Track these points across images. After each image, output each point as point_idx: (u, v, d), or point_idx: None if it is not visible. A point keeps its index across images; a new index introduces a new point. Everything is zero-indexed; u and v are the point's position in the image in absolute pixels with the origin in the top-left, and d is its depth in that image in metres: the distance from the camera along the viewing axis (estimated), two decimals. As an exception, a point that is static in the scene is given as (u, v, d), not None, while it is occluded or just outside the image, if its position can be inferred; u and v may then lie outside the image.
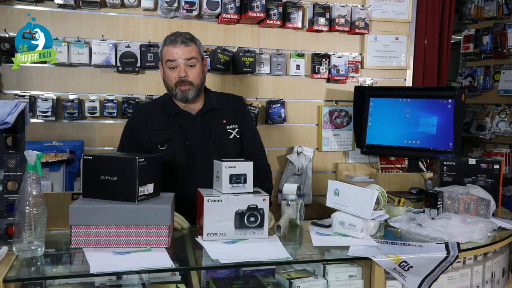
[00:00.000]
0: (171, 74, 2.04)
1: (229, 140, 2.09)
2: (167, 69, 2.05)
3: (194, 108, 2.11)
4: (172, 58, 2.02)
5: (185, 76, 2.02)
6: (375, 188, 1.89)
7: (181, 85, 2.03)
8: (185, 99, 2.05)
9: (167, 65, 2.04)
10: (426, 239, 1.65)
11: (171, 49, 2.03)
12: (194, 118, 2.09)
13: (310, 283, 1.53)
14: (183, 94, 2.04)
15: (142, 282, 1.50)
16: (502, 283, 1.86)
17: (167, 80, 2.07)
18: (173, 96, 2.08)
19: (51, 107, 2.71)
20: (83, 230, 1.49)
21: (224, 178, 1.62)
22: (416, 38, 3.45)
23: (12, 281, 1.28)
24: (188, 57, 2.03)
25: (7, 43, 2.61)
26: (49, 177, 2.66)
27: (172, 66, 2.03)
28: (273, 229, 1.72)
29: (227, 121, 2.11)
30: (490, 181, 2.15)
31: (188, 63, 2.03)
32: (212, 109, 2.12)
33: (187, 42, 2.04)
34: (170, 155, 2.02)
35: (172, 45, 2.03)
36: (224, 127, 2.10)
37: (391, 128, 2.96)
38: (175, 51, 2.02)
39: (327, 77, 3.20)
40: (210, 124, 2.09)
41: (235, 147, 2.11)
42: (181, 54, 2.02)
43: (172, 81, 2.04)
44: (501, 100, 3.74)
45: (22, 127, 1.51)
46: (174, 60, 2.02)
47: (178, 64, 2.02)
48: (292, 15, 3.06)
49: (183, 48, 2.03)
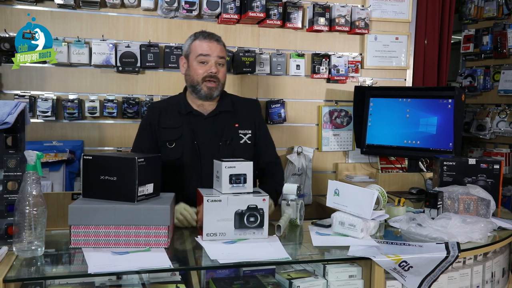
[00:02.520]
0: (200, 69, 2.03)
1: (239, 145, 2.07)
2: (196, 63, 2.03)
3: (207, 108, 2.10)
4: (205, 52, 2.02)
5: (216, 72, 2.02)
6: (375, 188, 1.89)
7: (208, 81, 2.02)
8: (209, 96, 2.04)
9: (198, 59, 2.03)
10: (426, 239, 1.65)
11: (205, 43, 2.03)
12: (205, 119, 2.08)
13: (310, 283, 1.53)
14: (209, 90, 2.03)
15: (142, 282, 1.50)
16: (502, 283, 1.86)
17: (193, 74, 2.05)
18: (196, 91, 2.05)
19: (51, 107, 2.71)
20: (83, 230, 1.49)
21: (224, 178, 1.62)
22: (416, 38, 3.45)
23: (12, 281, 1.28)
24: (220, 55, 2.04)
25: (7, 43, 2.61)
26: (49, 177, 2.66)
27: (203, 61, 2.02)
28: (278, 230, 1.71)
29: (240, 125, 2.09)
30: (490, 181, 2.14)
31: (219, 61, 2.04)
32: (224, 111, 2.10)
33: (220, 41, 2.07)
34: (177, 154, 2.02)
35: (207, 40, 2.03)
36: (236, 131, 2.08)
37: (391, 128, 2.96)
38: (210, 46, 2.02)
39: (327, 77, 3.20)
40: (222, 126, 2.08)
41: (245, 153, 2.06)
42: (214, 50, 2.02)
43: (199, 76, 2.03)
44: (501, 100, 3.74)
45: (22, 127, 1.51)
46: (207, 55, 2.02)
47: (210, 60, 2.02)
48: (292, 15, 3.06)
49: (217, 45, 2.04)
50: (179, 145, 2.03)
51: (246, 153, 2.07)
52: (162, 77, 2.94)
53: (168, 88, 2.94)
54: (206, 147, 2.04)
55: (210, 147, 2.04)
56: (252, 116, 2.16)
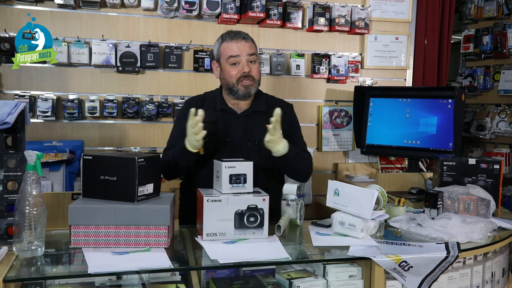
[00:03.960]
0: (233, 70, 2.01)
1: None
2: (228, 65, 2.02)
3: (241, 107, 2.08)
4: (234, 53, 2.00)
5: (249, 71, 2.00)
6: (375, 188, 1.89)
7: (244, 80, 2.00)
8: (247, 94, 2.02)
9: (229, 61, 2.01)
10: (426, 239, 1.65)
11: (233, 44, 2.01)
12: (238, 117, 2.07)
13: (310, 283, 1.53)
14: (246, 89, 2.01)
15: (142, 282, 1.50)
16: (502, 283, 1.86)
17: (227, 77, 2.03)
18: (234, 93, 2.03)
19: (51, 107, 2.71)
20: (82, 230, 1.49)
21: (224, 178, 1.62)
22: (416, 38, 3.45)
23: (12, 281, 1.28)
24: (250, 52, 2.02)
25: (7, 43, 2.61)
26: (49, 177, 2.66)
27: (234, 62, 2.01)
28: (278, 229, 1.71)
29: None
30: (490, 181, 2.14)
31: (250, 58, 2.02)
32: (257, 111, 2.09)
33: (247, 38, 2.05)
34: (210, 149, 1.99)
35: (234, 41, 2.01)
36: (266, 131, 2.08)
37: (391, 128, 2.96)
38: (238, 46, 2.00)
39: (327, 77, 3.21)
40: (253, 125, 2.06)
41: None
42: (243, 49, 2.01)
43: (234, 77, 2.01)
44: (501, 100, 3.74)
45: (22, 127, 1.51)
46: (237, 56, 2.00)
47: (241, 60, 2.00)
48: (292, 15, 3.06)
49: (245, 43, 2.02)
50: (211, 140, 1.99)
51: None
52: (162, 77, 2.94)
53: (168, 88, 2.94)
54: (237, 145, 2.03)
55: (240, 146, 2.03)
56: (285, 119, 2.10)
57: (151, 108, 2.86)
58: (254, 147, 2.03)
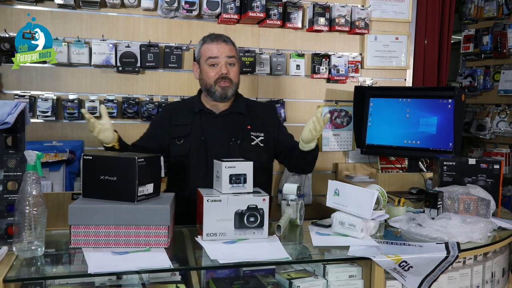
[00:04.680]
0: (211, 71, 2.05)
1: (251, 146, 2.08)
2: (207, 66, 2.06)
3: (220, 108, 2.12)
4: (214, 55, 2.05)
5: (227, 73, 2.04)
6: (375, 188, 1.89)
7: (221, 82, 2.04)
8: (224, 96, 2.06)
9: (208, 62, 2.06)
10: (426, 239, 1.65)
11: (213, 46, 2.06)
12: (216, 117, 2.10)
13: (310, 283, 1.53)
14: (223, 90, 2.05)
15: (142, 282, 1.50)
16: (502, 283, 1.86)
17: (205, 78, 2.07)
18: (211, 94, 2.07)
19: (51, 107, 2.71)
20: (82, 230, 1.49)
21: (224, 178, 1.62)
22: (416, 38, 3.45)
23: (12, 281, 1.28)
24: (230, 55, 2.06)
25: (7, 43, 2.61)
26: (49, 177, 2.66)
27: (213, 63, 2.05)
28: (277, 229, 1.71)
29: (252, 127, 2.10)
30: (490, 181, 2.14)
31: (229, 61, 2.06)
32: (237, 112, 2.12)
33: (228, 41, 2.10)
34: (185, 149, 2.05)
35: (214, 43, 2.06)
36: (247, 132, 2.09)
37: (391, 128, 2.96)
38: (217, 47, 2.05)
39: (327, 77, 3.20)
40: (233, 126, 2.09)
41: (257, 155, 2.07)
42: (223, 51, 2.05)
43: (211, 78, 2.05)
44: (501, 100, 3.73)
45: (22, 127, 1.51)
46: (216, 57, 2.05)
47: (220, 61, 2.05)
48: (292, 15, 3.06)
49: (225, 45, 2.07)
50: (187, 141, 2.06)
51: (258, 155, 2.07)
52: (162, 77, 2.94)
53: (168, 88, 2.94)
54: (215, 145, 2.05)
55: (219, 146, 2.05)
56: (267, 120, 2.17)
57: (151, 108, 2.86)
58: (235, 146, 2.05)
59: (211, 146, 2.05)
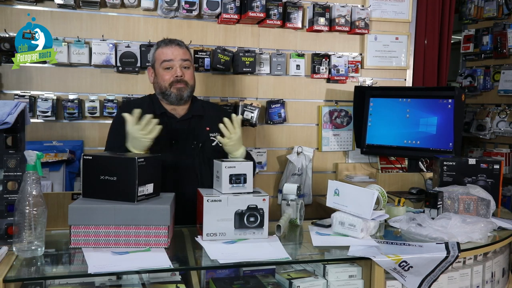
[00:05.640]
0: (166, 75, 2.06)
1: (211, 147, 2.10)
2: (162, 70, 2.07)
3: (179, 112, 2.12)
4: (168, 58, 2.05)
5: (182, 75, 2.05)
6: (375, 188, 1.89)
7: (177, 84, 2.05)
8: (179, 98, 2.06)
9: (163, 65, 2.06)
10: (426, 239, 1.65)
11: (167, 49, 2.07)
12: (178, 121, 2.11)
13: (310, 283, 1.53)
14: (178, 92, 2.05)
15: (142, 282, 1.50)
16: (502, 283, 1.86)
17: (160, 81, 2.07)
18: (167, 96, 2.07)
19: (51, 107, 2.71)
20: (83, 230, 1.49)
21: (224, 178, 1.62)
22: (416, 38, 3.45)
23: (12, 281, 1.28)
24: (184, 58, 2.08)
25: (7, 43, 2.61)
26: (49, 177, 2.66)
27: (168, 67, 2.06)
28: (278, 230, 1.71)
29: (210, 128, 2.11)
30: (490, 181, 2.14)
31: (184, 64, 2.08)
32: (197, 115, 2.13)
33: (182, 44, 2.11)
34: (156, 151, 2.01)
35: (168, 46, 2.07)
36: (207, 134, 2.11)
37: (391, 128, 2.96)
38: (171, 51, 2.06)
39: (327, 77, 3.20)
40: (194, 129, 2.11)
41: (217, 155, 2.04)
42: (177, 54, 2.06)
43: (166, 81, 2.05)
44: (501, 100, 3.74)
45: (22, 127, 1.51)
46: (170, 60, 2.05)
47: (174, 64, 2.06)
48: (292, 15, 3.06)
49: (179, 49, 2.08)
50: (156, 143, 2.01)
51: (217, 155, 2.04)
52: (162, 77, 2.94)
53: (168, 88, 2.93)
54: (181, 148, 2.07)
55: (184, 149, 2.07)
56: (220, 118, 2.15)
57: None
58: (198, 149, 2.07)
59: (179, 150, 2.05)
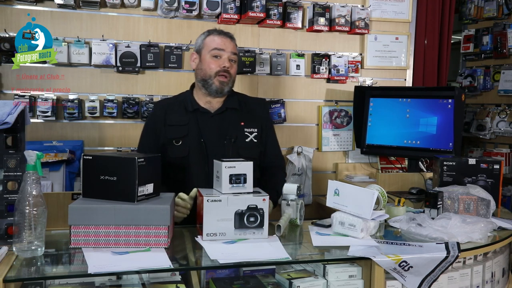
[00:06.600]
0: (213, 63, 2.04)
1: (245, 143, 2.07)
2: (209, 57, 2.05)
3: (214, 106, 2.10)
4: (219, 47, 2.04)
5: (229, 67, 2.04)
6: (375, 188, 1.89)
7: (221, 76, 2.03)
8: (220, 91, 2.05)
9: (212, 53, 2.04)
10: (426, 239, 1.65)
11: (220, 38, 2.06)
12: (212, 116, 2.08)
13: (310, 283, 1.53)
14: (220, 85, 2.04)
15: (142, 282, 1.50)
16: (502, 283, 1.86)
17: (206, 68, 2.05)
18: (207, 86, 2.05)
19: (51, 107, 2.71)
20: (83, 230, 1.49)
21: (224, 178, 1.62)
22: (416, 38, 3.45)
23: (12, 281, 1.28)
24: (233, 51, 2.08)
25: (7, 43, 2.61)
26: (49, 177, 2.66)
27: (217, 55, 2.04)
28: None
29: (245, 123, 2.09)
30: (490, 181, 2.14)
31: (232, 57, 2.07)
32: (231, 108, 2.11)
33: (233, 38, 2.11)
34: (185, 151, 2.02)
35: (221, 36, 2.07)
36: (241, 129, 2.08)
37: (391, 128, 2.96)
38: (223, 41, 2.06)
39: (327, 77, 3.20)
40: (227, 123, 2.08)
41: (251, 151, 2.06)
42: (228, 46, 2.06)
43: (213, 69, 2.03)
44: (501, 100, 3.74)
45: (22, 127, 1.51)
46: (221, 49, 2.04)
47: (223, 55, 2.05)
48: (292, 15, 3.06)
49: (230, 42, 2.09)
50: (186, 142, 2.03)
51: (252, 152, 2.07)
52: (162, 77, 2.94)
53: (168, 88, 2.93)
54: (212, 144, 2.04)
55: (216, 145, 2.04)
56: (259, 115, 2.16)
57: (151, 108, 2.86)
58: (230, 144, 2.04)
59: (209, 146, 2.04)
